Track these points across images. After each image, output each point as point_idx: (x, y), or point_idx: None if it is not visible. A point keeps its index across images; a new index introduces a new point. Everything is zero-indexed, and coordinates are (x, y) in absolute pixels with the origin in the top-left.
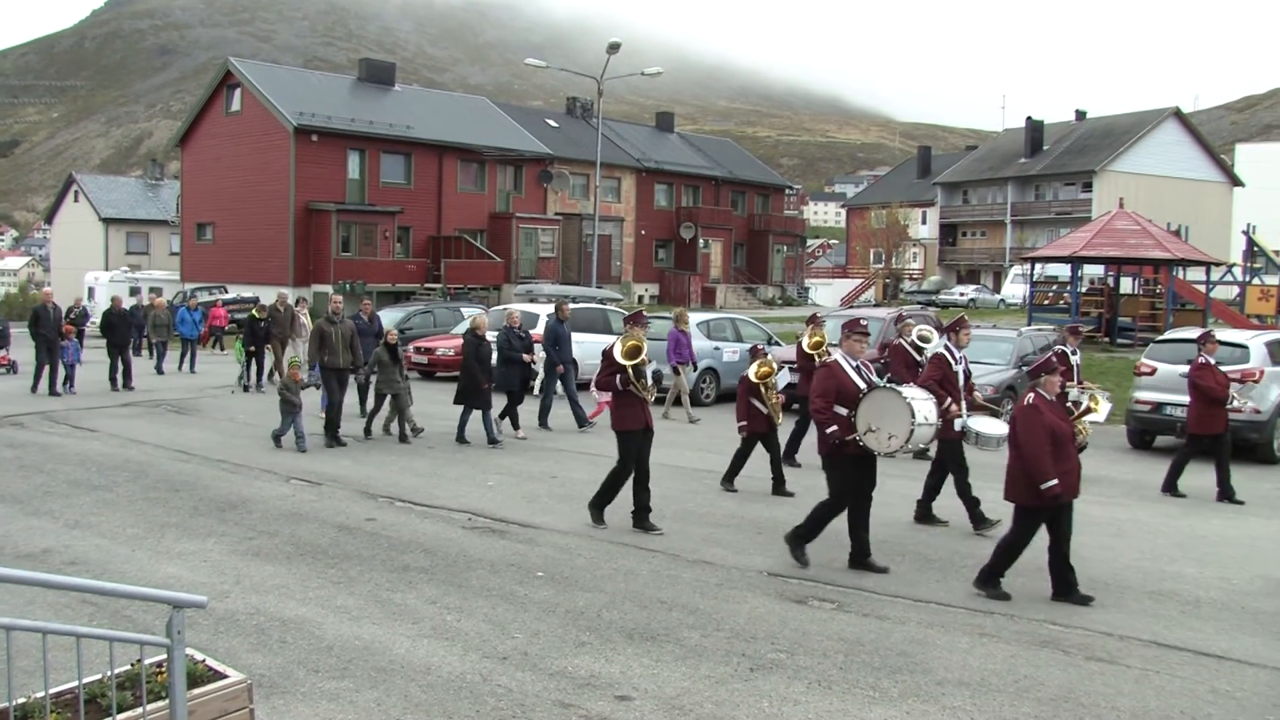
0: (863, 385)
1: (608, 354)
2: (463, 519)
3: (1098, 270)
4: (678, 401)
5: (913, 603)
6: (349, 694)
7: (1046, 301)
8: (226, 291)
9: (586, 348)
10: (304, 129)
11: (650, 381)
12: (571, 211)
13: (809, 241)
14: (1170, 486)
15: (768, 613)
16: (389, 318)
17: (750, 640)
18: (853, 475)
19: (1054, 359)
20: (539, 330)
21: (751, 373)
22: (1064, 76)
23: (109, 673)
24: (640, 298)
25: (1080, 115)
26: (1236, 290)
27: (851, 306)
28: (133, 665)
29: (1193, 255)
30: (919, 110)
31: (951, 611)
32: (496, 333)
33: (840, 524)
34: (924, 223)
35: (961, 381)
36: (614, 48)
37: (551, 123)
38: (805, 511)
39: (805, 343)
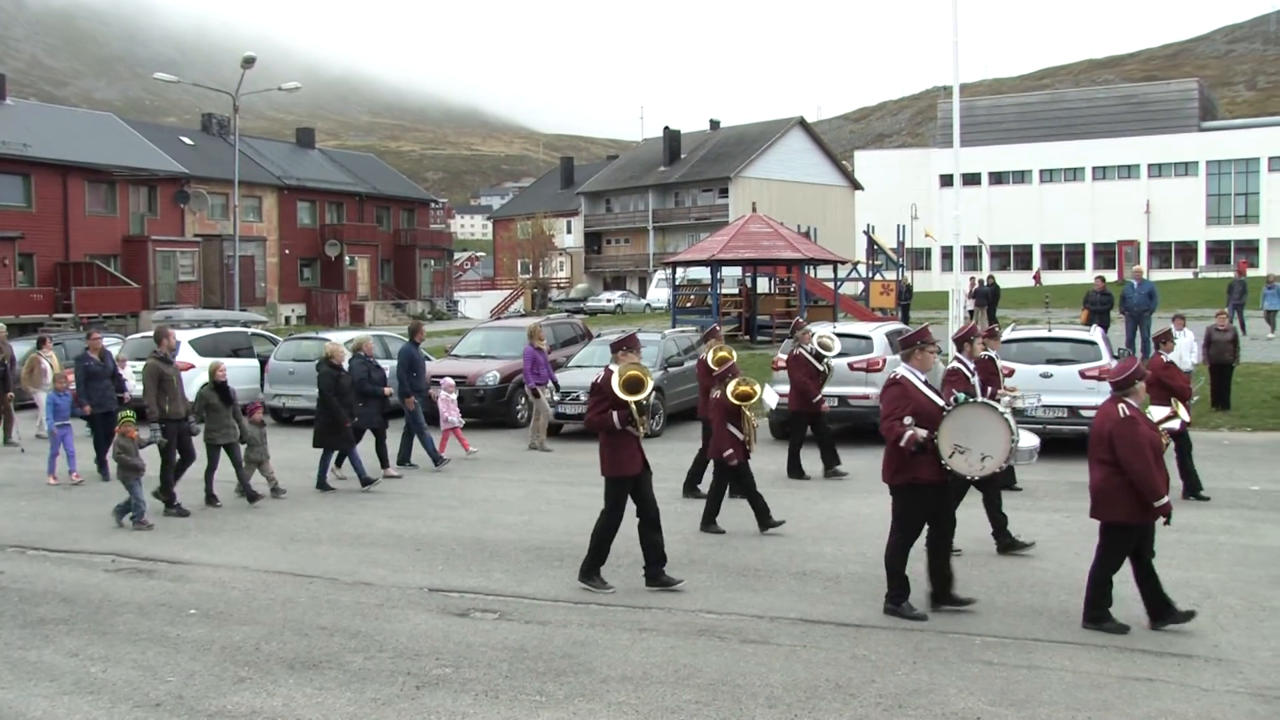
0: (941, 402)
1: (600, 387)
2: (105, 561)
3: (736, 271)
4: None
5: (573, 605)
6: None
7: (689, 304)
8: None
9: (234, 372)
10: None
11: (649, 416)
12: (211, 232)
13: (457, 255)
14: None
15: (431, 629)
16: (18, 350)
17: (415, 658)
18: (929, 507)
19: (1143, 367)
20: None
21: (729, 393)
22: (698, 87)
23: None
24: (287, 319)
25: (714, 125)
26: (861, 286)
27: (501, 317)
28: None
29: (821, 255)
30: (561, 122)
31: (611, 610)
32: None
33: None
34: (569, 232)
35: (979, 394)
36: (248, 62)
37: (187, 140)
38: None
39: (710, 358)
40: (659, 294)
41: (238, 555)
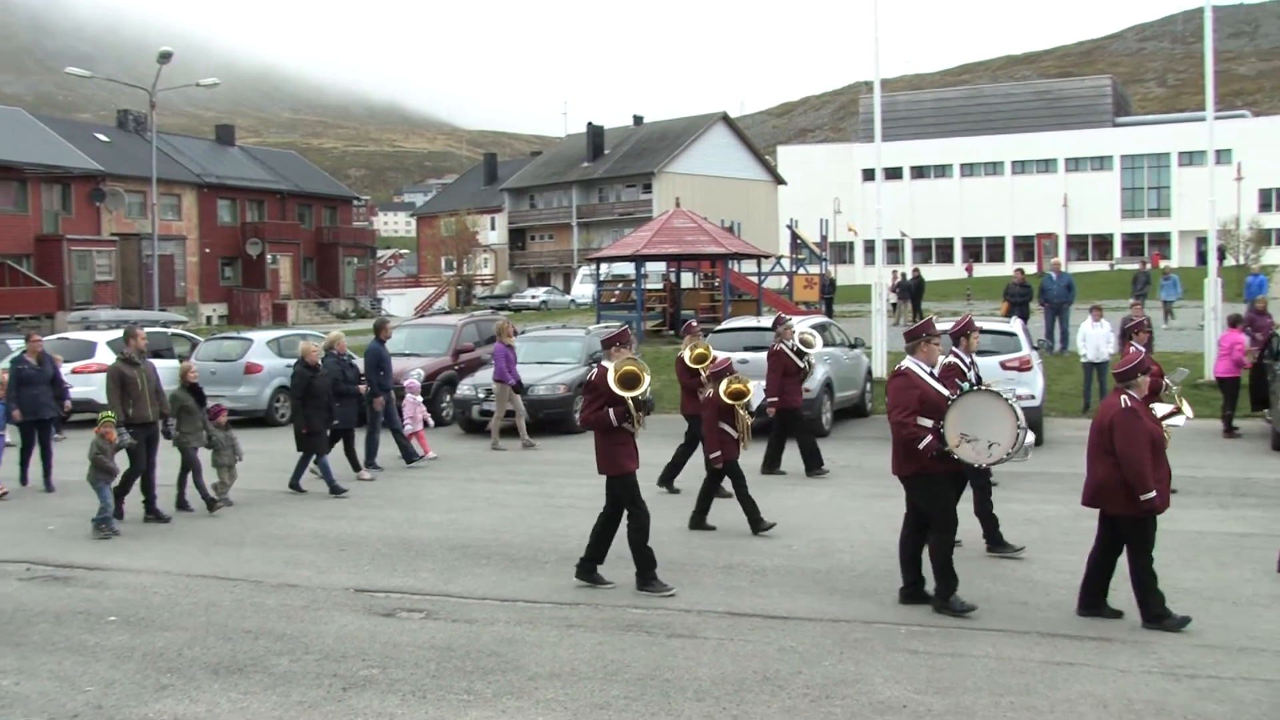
0: (946, 392)
1: (594, 384)
2: (19, 570)
3: (660, 267)
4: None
5: (500, 603)
6: None
7: (614, 299)
8: None
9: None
10: None
11: (645, 414)
12: (129, 231)
13: (380, 252)
14: None
15: (357, 630)
16: None
17: (341, 660)
18: (950, 493)
19: (1147, 360)
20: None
21: (721, 391)
22: (621, 83)
23: None
24: (208, 319)
25: (638, 120)
26: (785, 280)
27: (425, 315)
28: None
29: (745, 249)
30: (484, 118)
31: (538, 607)
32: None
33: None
34: (493, 228)
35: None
36: (165, 57)
37: (102, 137)
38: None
39: (687, 356)
40: (584, 290)
41: (159, 560)
